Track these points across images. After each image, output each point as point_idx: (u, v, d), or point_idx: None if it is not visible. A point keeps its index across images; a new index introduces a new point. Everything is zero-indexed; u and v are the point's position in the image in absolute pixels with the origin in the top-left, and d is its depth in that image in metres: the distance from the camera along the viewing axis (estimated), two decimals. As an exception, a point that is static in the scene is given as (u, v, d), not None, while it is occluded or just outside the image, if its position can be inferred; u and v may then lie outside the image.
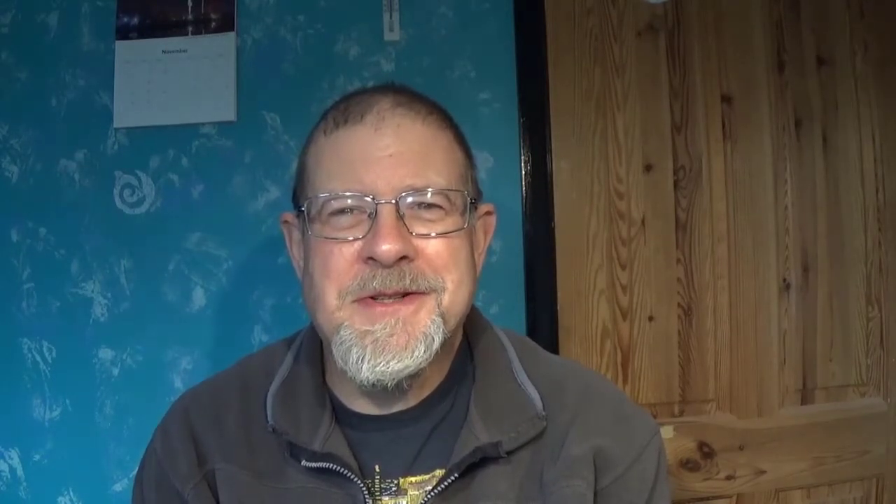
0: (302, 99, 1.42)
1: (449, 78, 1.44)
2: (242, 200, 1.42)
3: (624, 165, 1.48)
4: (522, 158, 1.44)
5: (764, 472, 1.48)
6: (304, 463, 0.78)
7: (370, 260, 0.74)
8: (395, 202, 0.74)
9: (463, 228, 0.78)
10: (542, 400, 0.81)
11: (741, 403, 1.49)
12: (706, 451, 1.47)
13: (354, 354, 0.74)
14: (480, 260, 0.86)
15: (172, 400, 0.90)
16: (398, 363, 0.73)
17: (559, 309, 1.44)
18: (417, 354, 0.74)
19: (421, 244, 0.76)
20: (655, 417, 1.42)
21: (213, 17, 1.43)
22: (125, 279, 1.41)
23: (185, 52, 1.42)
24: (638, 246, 1.48)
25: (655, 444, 0.83)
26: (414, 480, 0.79)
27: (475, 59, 1.44)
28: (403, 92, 0.82)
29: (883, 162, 1.54)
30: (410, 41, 1.44)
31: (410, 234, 0.75)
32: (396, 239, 0.73)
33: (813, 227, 1.52)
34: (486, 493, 0.77)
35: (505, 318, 1.39)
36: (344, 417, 0.82)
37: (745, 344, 1.50)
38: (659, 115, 1.49)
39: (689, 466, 1.47)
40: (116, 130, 1.43)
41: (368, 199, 0.75)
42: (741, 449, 1.48)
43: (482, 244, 0.87)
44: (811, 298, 1.52)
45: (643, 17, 1.50)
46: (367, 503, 0.76)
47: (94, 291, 1.41)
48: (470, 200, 0.80)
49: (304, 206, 0.79)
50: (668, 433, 1.45)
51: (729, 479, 1.48)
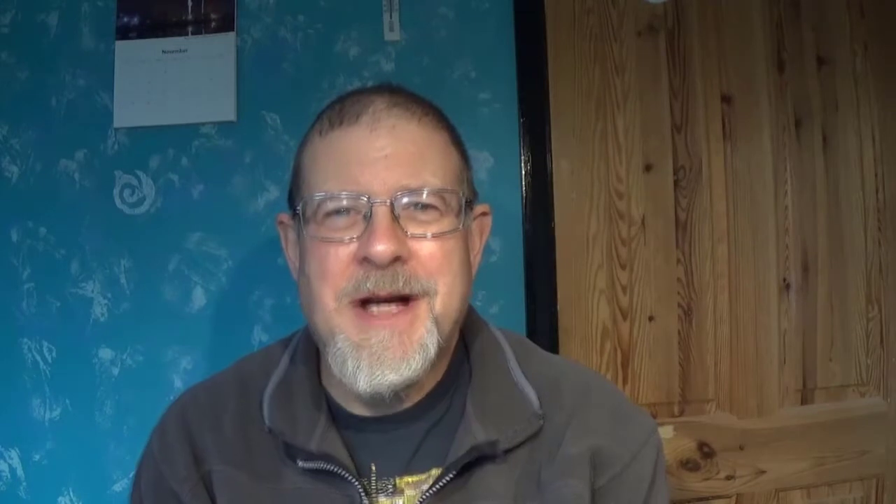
0: (302, 99, 1.42)
1: (449, 78, 1.44)
2: (242, 200, 1.43)
3: (624, 165, 1.48)
4: (522, 158, 1.44)
5: (764, 472, 1.48)
6: (300, 463, 0.78)
7: (365, 261, 0.74)
8: (390, 203, 0.74)
9: (458, 229, 0.78)
10: (539, 399, 0.81)
11: (741, 403, 1.49)
12: (706, 451, 1.47)
13: (350, 365, 0.74)
14: (476, 261, 0.86)
15: (172, 400, 0.90)
16: (395, 375, 0.73)
17: (559, 309, 1.44)
18: (414, 366, 0.74)
19: (415, 245, 0.75)
20: (655, 417, 1.42)
21: (213, 17, 1.43)
22: (125, 279, 1.42)
23: (185, 52, 1.43)
24: (638, 246, 1.48)
25: (653, 442, 0.83)
26: (410, 480, 0.79)
27: (475, 59, 1.44)
28: (399, 92, 0.82)
29: (883, 162, 1.54)
30: (410, 41, 1.44)
31: (406, 234, 0.75)
32: (391, 240, 0.73)
33: (813, 227, 1.52)
34: (482, 492, 0.76)
35: (505, 318, 1.39)
36: (340, 418, 0.82)
37: (745, 344, 1.50)
38: (659, 114, 1.49)
39: (688, 466, 1.47)
40: (116, 130, 1.43)
41: (363, 199, 0.74)
42: (741, 449, 1.48)
43: (478, 245, 0.86)
44: (811, 298, 1.52)
45: (643, 17, 1.49)
46: (363, 503, 0.76)
47: (94, 291, 1.41)
48: (465, 201, 0.80)
49: (299, 206, 0.79)
50: (668, 433, 1.45)
51: (729, 479, 1.48)
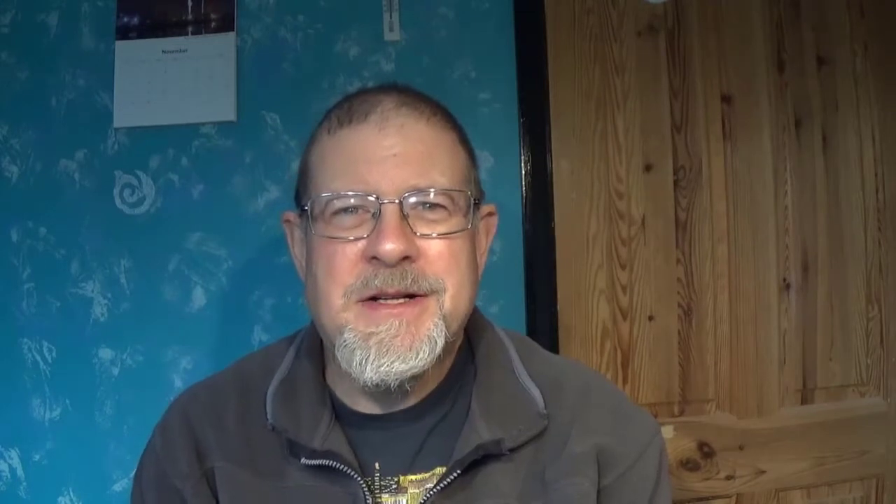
0: (302, 99, 1.42)
1: (449, 78, 1.44)
2: (242, 200, 1.42)
3: (624, 165, 1.48)
4: (522, 158, 1.44)
5: (764, 472, 1.48)
6: (303, 461, 0.78)
7: (373, 259, 0.74)
8: (398, 202, 0.74)
9: (466, 229, 0.78)
10: (543, 398, 0.81)
11: (741, 403, 1.49)
12: (706, 450, 1.47)
13: (358, 356, 0.74)
14: (482, 260, 0.86)
15: (172, 400, 0.90)
16: (402, 364, 0.73)
17: (559, 309, 1.44)
18: (422, 356, 0.74)
19: (424, 245, 0.75)
20: (655, 417, 1.41)
21: (213, 17, 1.43)
22: (125, 279, 1.41)
23: (185, 52, 1.43)
24: (638, 246, 1.48)
25: (657, 442, 0.83)
26: (414, 478, 0.79)
27: (475, 59, 1.44)
28: (407, 92, 0.82)
29: (883, 162, 1.54)
30: (410, 41, 1.44)
31: (414, 233, 0.75)
32: (400, 239, 0.73)
33: (813, 227, 1.52)
34: (488, 490, 0.77)
35: (505, 318, 1.38)
36: (344, 416, 0.82)
37: (745, 344, 1.50)
38: (659, 114, 1.49)
39: (689, 466, 1.47)
40: (116, 130, 1.43)
41: (372, 198, 0.75)
42: (741, 449, 1.48)
43: (484, 244, 0.86)
44: (811, 298, 1.52)
45: (643, 17, 1.50)
46: (367, 501, 0.76)
47: (94, 291, 1.41)
48: (473, 201, 0.80)
49: (307, 205, 0.79)
50: (668, 433, 1.45)
51: (729, 478, 1.48)
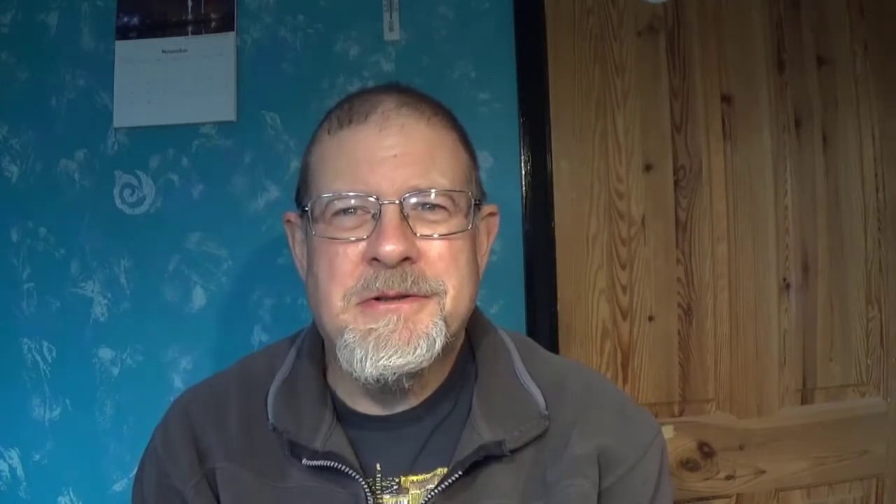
0: (302, 99, 1.42)
1: (449, 78, 1.44)
2: (242, 200, 1.42)
3: (624, 165, 1.48)
4: (522, 158, 1.44)
5: (764, 472, 1.48)
6: (305, 462, 0.77)
7: (374, 261, 0.74)
8: (399, 203, 0.74)
9: (466, 230, 0.78)
10: (544, 399, 0.81)
11: (741, 403, 1.49)
12: (706, 450, 1.47)
13: (358, 354, 0.74)
14: (483, 261, 0.86)
15: (172, 400, 0.90)
16: (399, 358, 0.73)
17: (559, 309, 1.44)
18: (419, 352, 0.74)
19: (424, 245, 0.75)
20: (655, 417, 1.42)
21: (213, 16, 1.43)
22: (125, 279, 1.41)
23: (185, 51, 1.42)
24: (638, 246, 1.48)
25: (658, 443, 0.83)
26: (415, 479, 0.79)
27: (475, 59, 1.44)
28: (408, 92, 0.82)
29: (883, 162, 1.54)
30: (410, 41, 1.44)
31: (414, 234, 0.75)
32: (400, 240, 0.73)
33: (813, 227, 1.52)
34: (489, 491, 0.77)
35: (505, 318, 1.38)
36: (345, 416, 0.82)
37: (745, 344, 1.50)
38: (659, 114, 1.49)
39: (689, 466, 1.47)
40: (116, 130, 1.43)
41: (372, 199, 0.75)
42: (741, 449, 1.48)
43: (485, 245, 0.86)
44: (811, 298, 1.52)
45: (643, 17, 1.50)
46: (368, 501, 0.76)
47: (94, 291, 1.41)
48: (474, 202, 0.80)
49: (307, 206, 0.79)
50: (668, 433, 1.44)
51: (729, 478, 1.48)
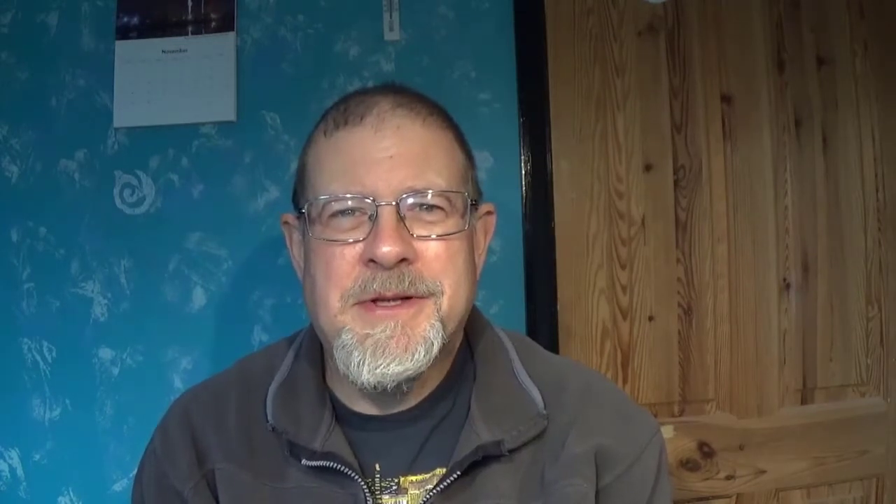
0: (302, 99, 1.42)
1: (449, 78, 1.44)
2: (242, 200, 1.42)
3: (624, 165, 1.48)
4: (522, 158, 1.44)
5: (764, 472, 1.48)
6: (304, 462, 0.78)
7: (371, 262, 0.74)
8: (395, 204, 0.74)
9: (463, 230, 0.78)
10: (543, 399, 0.81)
11: (741, 403, 1.49)
12: (706, 450, 1.47)
13: (355, 357, 0.74)
14: (481, 260, 0.86)
15: (172, 400, 0.90)
16: (398, 366, 0.73)
17: (559, 309, 1.44)
18: (417, 358, 0.74)
19: (421, 246, 0.75)
20: (655, 417, 1.41)
21: (213, 16, 1.43)
22: (125, 279, 1.41)
23: (185, 52, 1.42)
24: (638, 246, 1.48)
25: (657, 442, 0.83)
26: (414, 479, 0.79)
27: (475, 59, 1.44)
28: (404, 92, 0.82)
29: (883, 162, 1.54)
30: (410, 41, 1.44)
31: (411, 235, 0.75)
32: (397, 241, 0.73)
33: (813, 227, 1.52)
34: (487, 491, 0.77)
35: (505, 318, 1.38)
36: (344, 417, 0.82)
37: (745, 344, 1.50)
38: (659, 114, 1.49)
39: (689, 466, 1.47)
40: (116, 130, 1.43)
41: (369, 200, 0.75)
42: (741, 449, 1.48)
43: (482, 244, 0.86)
44: (811, 298, 1.52)
45: (643, 17, 1.50)
46: (367, 502, 0.76)
47: (94, 291, 1.41)
48: (470, 202, 0.80)
49: (304, 208, 0.79)
50: (668, 433, 1.44)
51: (729, 478, 1.48)
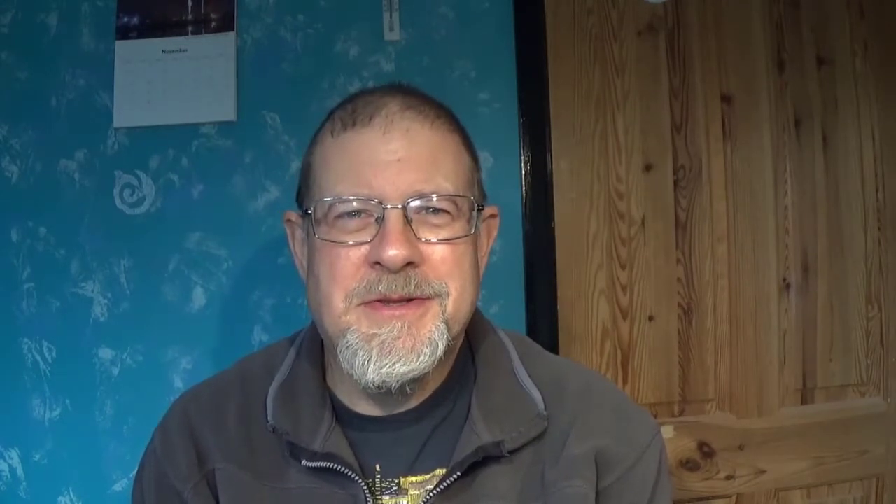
0: (302, 99, 1.42)
1: (449, 78, 1.44)
2: (242, 200, 1.42)
3: (624, 165, 1.48)
4: (522, 158, 1.44)
5: (764, 471, 1.48)
6: (304, 463, 0.78)
7: (377, 265, 0.74)
8: (402, 207, 0.74)
9: (469, 234, 0.78)
10: (543, 400, 0.81)
11: (741, 403, 1.49)
12: (706, 450, 1.47)
13: (360, 357, 0.74)
14: (484, 262, 0.86)
15: (172, 400, 0.90)
16: (404, 366, 0.73)
17: (559, 309, 1.44)
18: (423, 359, 0.74)
19: (427, 250, 0.75)
20: (655, 417, 1.42)
21: (213, 16, 1.43)
22: (125, 279, 1.41)
23: (185, 52, 1.42)
24: (638, 246, 1.48)
25: (657, 443, 0.83)
26: (415, 480, 0.79)
27: (475, 59, 1.44)
28: (412, 94, 0.81)
29: (883, 162, 1.54)
30: (410, 41, 1.44)
31: (417, 239, 0.75)
32: (403, 244, 0.73)
33: (813, 227, 1.52)
34: (487, 492, 0.77)
35: (505, 318, 1.38)
36: (344, 417, 0.82)
37: (745, 344, 1.50)
38: (659, 114, 1.49)
39: (688, 466, 1.47)
40: (116, 130, 1.42)
41: (375, 203, 0.74)
42: (741, 449, 1.48)
43: (486, 246, 0.86)
44: (811, 298, 1.52)
45: (643, 17, 1.50)
46: (367, 502, 0.76)
47: (94, 291, 1.41)
48: (477, 206, 0.80)
49: (310, 208, 0.78)
50: (668, 433, 1.45)
51: (729, 478, 1.48)
